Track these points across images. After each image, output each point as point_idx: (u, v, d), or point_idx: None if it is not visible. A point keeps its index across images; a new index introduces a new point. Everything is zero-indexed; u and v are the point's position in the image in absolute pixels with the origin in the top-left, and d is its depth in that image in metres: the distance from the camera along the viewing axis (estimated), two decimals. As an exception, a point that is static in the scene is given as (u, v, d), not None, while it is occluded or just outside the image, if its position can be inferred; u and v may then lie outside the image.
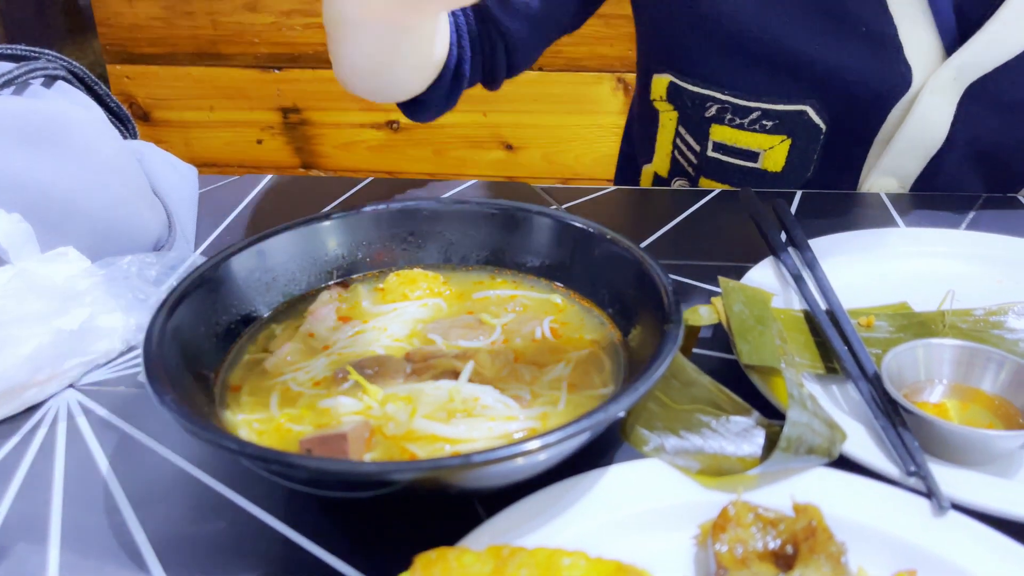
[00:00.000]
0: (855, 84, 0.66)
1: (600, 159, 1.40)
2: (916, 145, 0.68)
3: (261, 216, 0.69)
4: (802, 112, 0.70)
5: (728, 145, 0.74)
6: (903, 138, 0.68)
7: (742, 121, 0.71)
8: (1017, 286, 0.53)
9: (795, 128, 0.71)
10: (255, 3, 1.33)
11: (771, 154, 0.73)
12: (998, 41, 0.61)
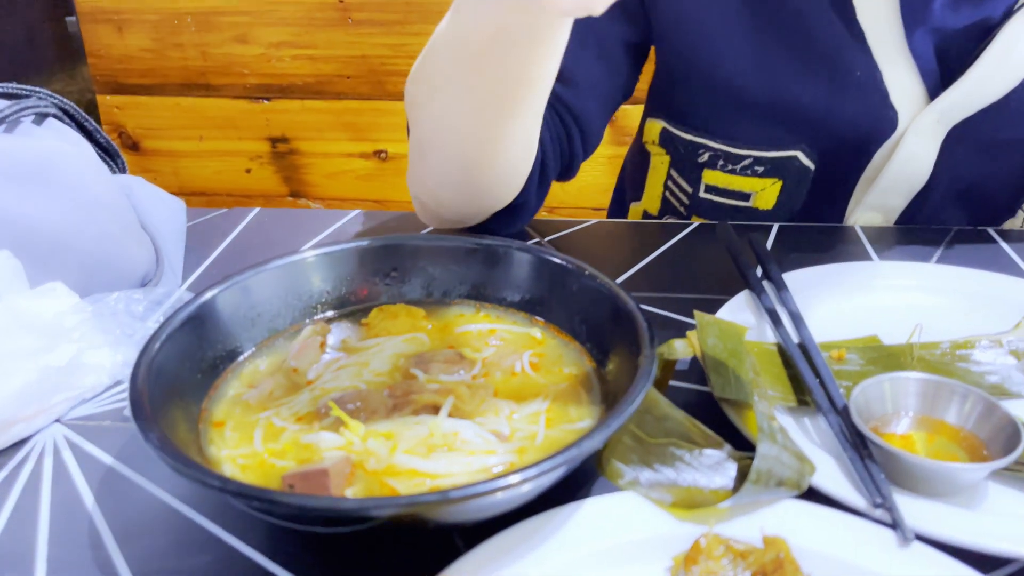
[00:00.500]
0: (844, 127, 0.68)
1: (587, 188, 1.42)
2: (900, 183, 0.70)
3: (248, 249, 0.70)
4: (793, 157, 0.71)
5: (720, 188, 0.75)
6: (888, 176, 0.70)
7: (734, 167, 0.73)
8: (985, 319, 0.54)
9: (785, 171, 0.72)
10: (245, 35, 1.35)
11: (762, 194, 0.74)
12: (979, 87, 0.64)
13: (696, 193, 0.76)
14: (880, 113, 0.66)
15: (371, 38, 1.33)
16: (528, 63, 0.51)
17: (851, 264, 0.61)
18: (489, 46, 0.50)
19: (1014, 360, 0.49)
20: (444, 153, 0.59)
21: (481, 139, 0.56)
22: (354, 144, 1.42)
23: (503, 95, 0.53)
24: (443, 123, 0.57)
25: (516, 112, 0.55)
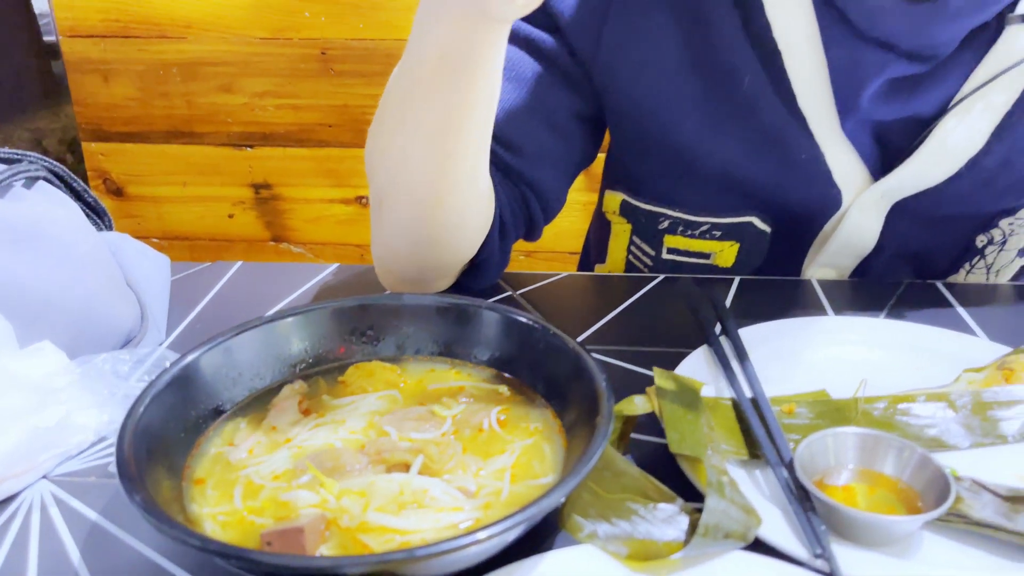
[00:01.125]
0: (793, 202, 0.73)
1: (563, 233, 1.45)
2: (848, 248, 0.74)
3: (230, 304, 0.72)
4: (748, 223, 0.75)
5: (681, 250, 0.79)
6: (836, 243, 0.74)
7: (693, 232, 0.77)
8: (928, 373, 0.58)
9: (742, 234, 0.76)
10: (229, 85, 1.38)
11: (721, 254, 0.78)
12: (918, 175, 0.68)
13: (659, 255, 0.80)
14: (825, 191, 0.70)
15: (352, 88, 1.37)
16: (470, 86, 0.55)
17: (805, 319, 0.64)
18: (435, 73, 0.54)
19: (952, 413, 0.53)
20: (400, 201, 0.63)
21: (431, 177, 0.60)
22: (335, 190, 1.45)
23: (449, 123, 0.57)
24: (397, 166, 0.61)
25: (461, 143, 0.59)
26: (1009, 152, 0.66)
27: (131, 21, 1.35)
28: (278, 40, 1.35)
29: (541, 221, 0.75)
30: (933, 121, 0.65)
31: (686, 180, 0.74)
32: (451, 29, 0.51)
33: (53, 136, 2.09)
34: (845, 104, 0.65)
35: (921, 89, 0.63)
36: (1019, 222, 0.72)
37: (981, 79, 0.62)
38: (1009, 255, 0.75)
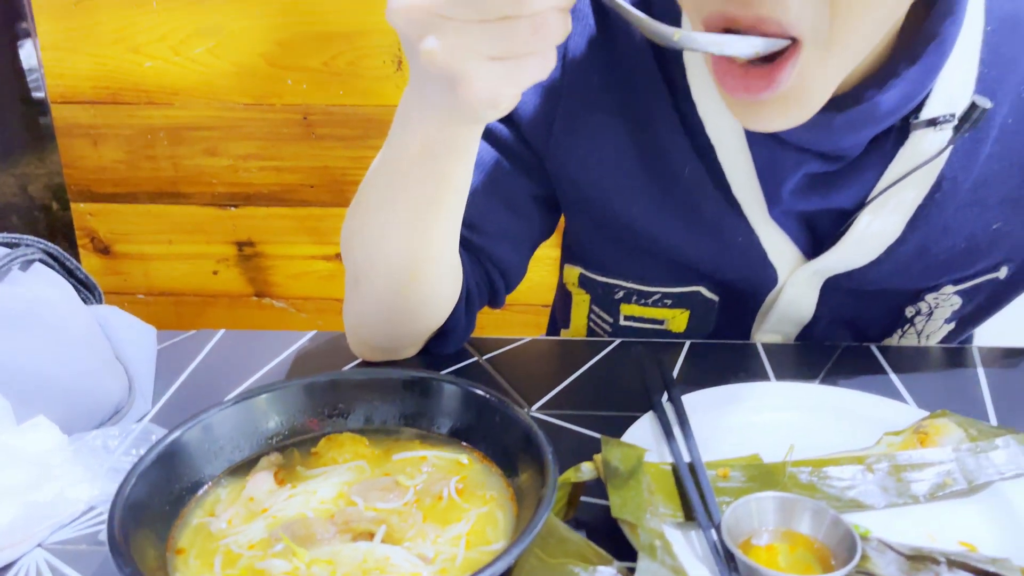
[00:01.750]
0: (733, 279, 0.79)
1: (536, 286, 1.51)
2: (788, 319, 0.81)
3: (213, 372, 0.77)
4: (696, 292, 0.81)
5: (637, 317, 0.85)
6: (777, 313, 0.80)
7: (646, 301, 0.83)
8: (852, 437, 0.63)
9: (692, 303, 0.82)
10: (214, 148, 1.44)
11: (674, 321, 0.84)
12: (843, 260, 0.74)
13: (617, 322, 0.85)
14: (761, 270, 0.76)
15: (332, 151, 1.43)
16: (447, 174, 0.60)
17: (746, 385, 0.70)
18: (413, 165, 0.60)
19: (870, 475, 0.58)
20: (376, 275, 0.68)
21: (407, 257, 0.66)
22: (316, 247, 1.50)
23: (425, 212, 0.63)
24: (375, 247, 0.67)
25: (437, 227, 0.64)
26: (923, 240, 0.72)
27: (120, 88, 1.41)
28: (262, 106, 1.41)
29: (503, 291, 0.81)
30: (853, 213, 0.71)
31: (636, 257, 0.80)
32: (432, 126, 0.56)
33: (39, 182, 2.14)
34: (770, 196, 0.71)
35: (838, 185, 0.69)
36: (943, 296, 0.78)
37: (892, 178, 0.68)
38: (936, 323, 0.81)
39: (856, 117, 0.63)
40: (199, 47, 1.38)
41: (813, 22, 0.52)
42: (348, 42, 1.37)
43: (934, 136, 0.66)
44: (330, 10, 1.35)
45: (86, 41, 1.39)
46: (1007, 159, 0.69)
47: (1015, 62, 0.67)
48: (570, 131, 0.74)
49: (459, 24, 0.44)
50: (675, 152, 0.72)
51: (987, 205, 0.71)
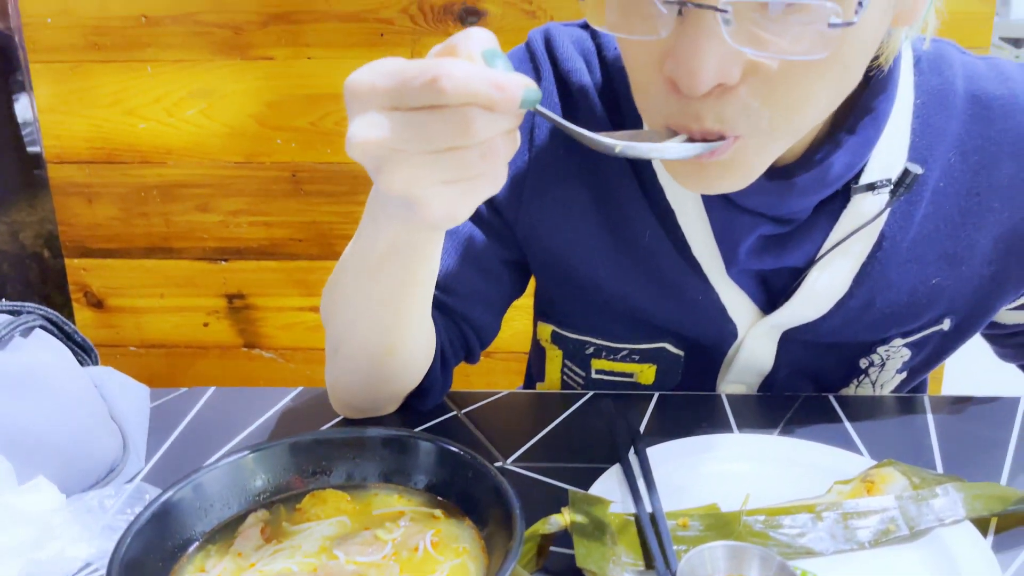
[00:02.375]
0: (696, 335, 0.83)
1: (518, 334, 1.56)
2: (749, 370, 0.85)
3: (204, 428, 0.81)
4: (661, 348, 0.86)
5: (607, 371, 0.89)
6: (739, 365, 0.84)
7: (615, 356, 0.87)
8: (805, 486, 0.67)
9: (658, 358, 0.87)
10: (206, 205, 1.49)
11: (642, 374, 0.88)
12: (796, 314, 0.79)
13: (588, 376, 0.90)
14: (722, 325, 0.81)
15: (320, 206, 1.48)
16: (414, 270, 0.65)
17: (709, 436, 0.74)
18: (383, 260, 0.64)
19: (819, 523, 0.62)
20: (354, 348, 0.73)
21: (382, 335, 0.70)
22: (304, 299, 1.55)
23: (396, 297, 0.67)
24: (351, 324, 0.72)
25: (408, 310, 0.69)
26: (869, 295, 0.77)
27: (115, 148, 1.47)
28: (252, 164, 1.47)
29: (478, 348, 0.86)
30: (804, 271, 0.76)
31: (604, 315, 0.85)
32: (396, 231, 0.60)
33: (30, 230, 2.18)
34: (728, 256, 0.76)
35: (789, 245, 0.75)
36: (893, 348, 0.83)
37: (837, 238, 0.74)
38: (889, 373, 0.85)
39: (805, 184, 0.69)
40: (192, 109, 1.44)
41: (753, 124, 0.57)
42: (335, 103, 1.43)
43: (873, 199, 0.72)
44: (317, 73, 1.42)
45: (82, 103, 1.45)
46: (940, 219, 0.75)
47: (943, 131, 0.73)
48: (538, 201, 0.80)
49: (413, 156, 0.47)
50: (636, 218, 0.77)
51: (925, 261, 0.76)
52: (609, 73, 0.77)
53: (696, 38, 0.52)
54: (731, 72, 0.54)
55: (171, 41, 1.41)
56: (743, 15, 0.52)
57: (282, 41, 1.40)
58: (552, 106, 0.78)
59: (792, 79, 0.55)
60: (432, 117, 0.45)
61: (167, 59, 1.42)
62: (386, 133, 0.46)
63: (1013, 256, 0.77)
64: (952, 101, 0.73)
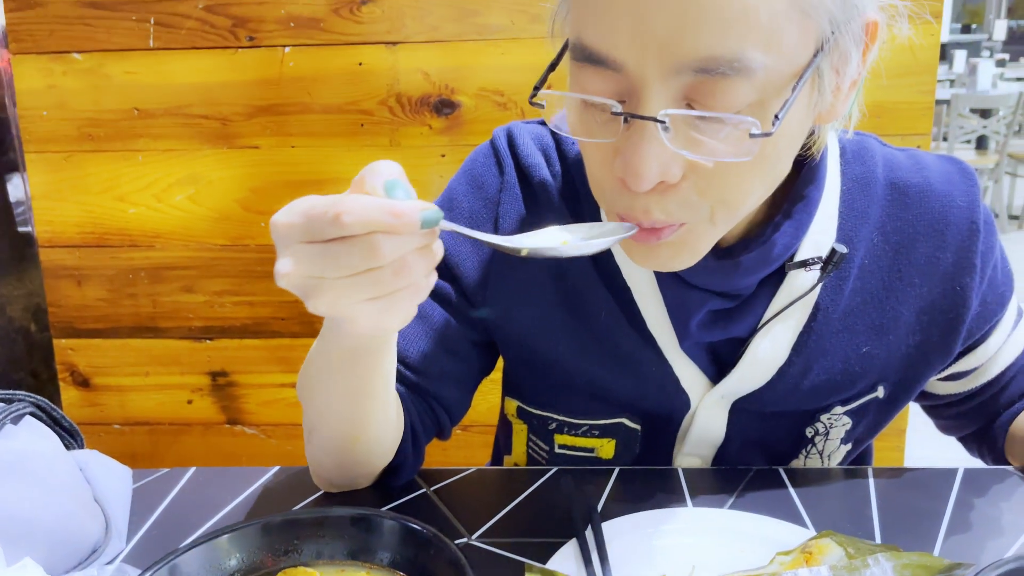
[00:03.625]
0: (651, 407, 0.89)
1: (492, 407, 1.60)
2: (703, 442, 0.90)
3: (184, 509, 0.84)
4: (620, 423, 0.91)
5: (569, 445, 0.94)
6: (693, 437, 0.90)
7: (576, 432, 0.93)
8: (749, 557, 0.71)
9: (616, 433, 0.92)
10: (191, 286, 1.54)
11: (602, 449, 0.93)
12: (742, 381, 0.85)
13: (552, 450, 0.95)
14: (675, 396, 0.86)
15: (303, 286, 1.54)
16: (369, 370, 0.71)
17: (663, 510, 0.79)
18: (340, 362, 0.70)
19: (760, 593, 0.66)
20: (324, 435, 0.79)
21: (348, 425, 0.76)
22: (286, 376, 1.59)
23: (356, 393, 0.73)
24: (319, 414, 0.78)
25: (369, 404, 0.75)
26: (806, 362, 0.84)
27: (106, 233, 1.53)
28: (236, 246, 1.53)
29: (449, 426, 0.91)
30: (747, 340, 0.83)
31: (565, 392, 0.90)
32: (349, 336, 0.66)
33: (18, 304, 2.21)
34: (680, 330, 0.83)
35: (736, 318, 0.82)
36: (835, 417, 0.88)
37: (776, 309, 0.81)
38: (834, 443, 0.91)
39: (749, 264, 0.77)
40: (180, 195, 1.50)
41: (696, 214, 0.65)
42: (316, 188, 1.50)
43: (806, 275, 0.80)
44: (301, 160, 1.49)
45: (75, 191, 1.51)
46: (867, 293, 0.83)
47: (866, 215, 0.81)
48: (502, 286, 0.86)
49: (332, 281, 0.51)
50: (593, 298, 0.84)
51: (855, 331, 0.83)
52: (568, 166, 0.85)
53: (639, 143, 0.59)
54: (672, 171, 0.60)
55: (162, 132, 1.48)
56: (680, 122, 0.59)
57: (267, 131, 1.47)
58: (514, 198, 0.86)
59: (726, 176, 0.62)
60: (343, 247, 0.51)
61: (158, 148, 1.49)
62: (305, 264, 0.52)
63: (935, 328, 0.84)
64: (873, 188, 0.82)
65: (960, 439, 1.00)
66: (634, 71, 0.57)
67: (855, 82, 0.66)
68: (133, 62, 1.45)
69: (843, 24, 0.60)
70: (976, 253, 0.82)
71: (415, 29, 1.42)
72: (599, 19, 0.57)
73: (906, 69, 1.35)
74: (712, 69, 0.56)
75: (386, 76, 1.44)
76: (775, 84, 0.58)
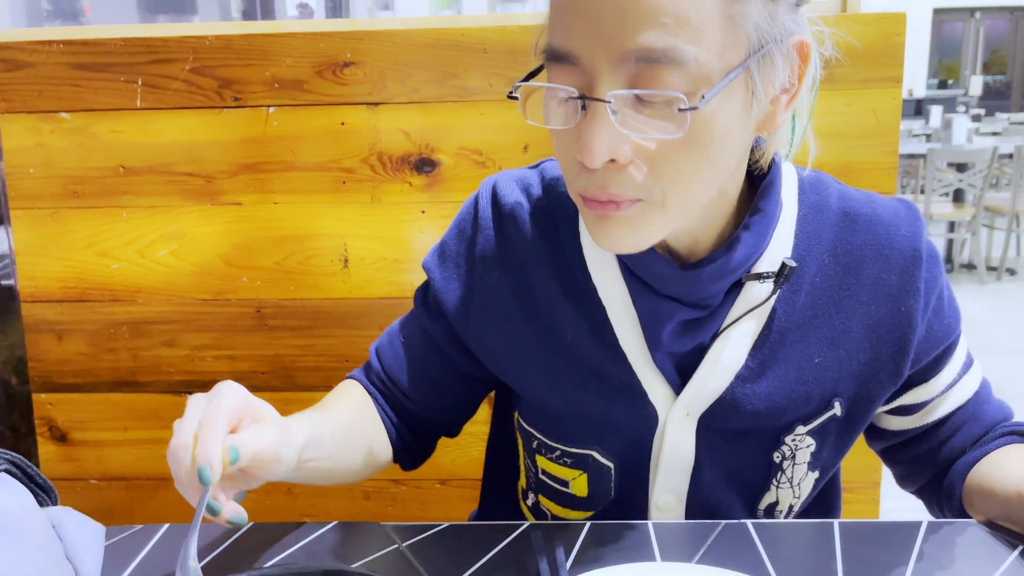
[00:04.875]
0: (620, 424, 0.92)
1: (471, 461, 1.61)
2: (676, 466, 0.93)
3: (156, 567, 0.85)
4: (590, 455, 0.93)
5: (547, 472, 0.98)
6: (664, 460, 0.93)
7: (551, 456, 0.96)
8: (715, 610, 0.73)
9: (587, 466, 0.94)
10: (172, 340, 1.56)
11: (575, 483, 0.96)
12: (703, 387, 0.89)
13: (536, 475, 0.98)
14: (643, 410, 0.91)
15: (283, 340, 1.56)
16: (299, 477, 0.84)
17: (631, 565, 0.80)
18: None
19: (723, 648, 0.67)
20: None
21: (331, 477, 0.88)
22: (266, 430, 1.59)
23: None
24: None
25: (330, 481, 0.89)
26: (762, 368, 0.89)
27: (88, 288, 1.54)
28: (218, 301, 1.54)
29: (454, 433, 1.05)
30: (708, 347, 0.89)
31: (541, 410, 0.96)
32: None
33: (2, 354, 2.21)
34: (651, 341, 0.88)
35: (704, 327, 0.88)
36: (799, 438, 0.92)
37: (734, 316, 0.88)
38: (802, 468, 0.94)
39: (712, 273, 0.83)
40: (163, 250, 1.53)
41: (648, 192, 0.73)
42: (299, 244, 1.53)
43: (761, 287, 0.87)
44: (283, 216, 1.52)
45: (59, 246, 1.53)
46: (818, 308, 0.89)
47: (819, 237, 0.89)
48: (482, 318, 0.95)
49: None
50: (563, 319, 0.91)
51: (808, 343, 0.89)
52: (549, 198, 0.93)
53: (592, 124, 0.69)
54: (621, 150, 0.70)
55: (146, 189, 1.51)
56: (625, 106, 0.69)
57: (250, 188, 1.51)
58: (486, 230, 0.94)
59: (667, 157, 0.71)
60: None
61: (142, 205, 1.52)
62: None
63: (884, 346, 0.90)
64: (826, 214, 0.89)
65: (918, 494, 1.02)
66: (588, 62, 0.69)
67: (793, 96, 0.76)
68: (120, 121, 1.49)
69: (772, 39, 0.70)
70: (919, 278, 0.88)
71: (396, 91, 1.46)
72: (562, 23, 0.70)
73: (870, 131, 1.41)
74: (650, 59, 0.67)
75: (368, 135, 1.48)
76: (706, 76, 0.68)
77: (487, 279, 0.94)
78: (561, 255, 0.91)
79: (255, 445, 0.71)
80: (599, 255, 0.89)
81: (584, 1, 0.68)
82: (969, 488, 0.93)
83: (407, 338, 1.01)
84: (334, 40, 1.45)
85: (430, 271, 0.98)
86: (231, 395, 0.71)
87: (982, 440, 0.96)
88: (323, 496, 1.63)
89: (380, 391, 1.02)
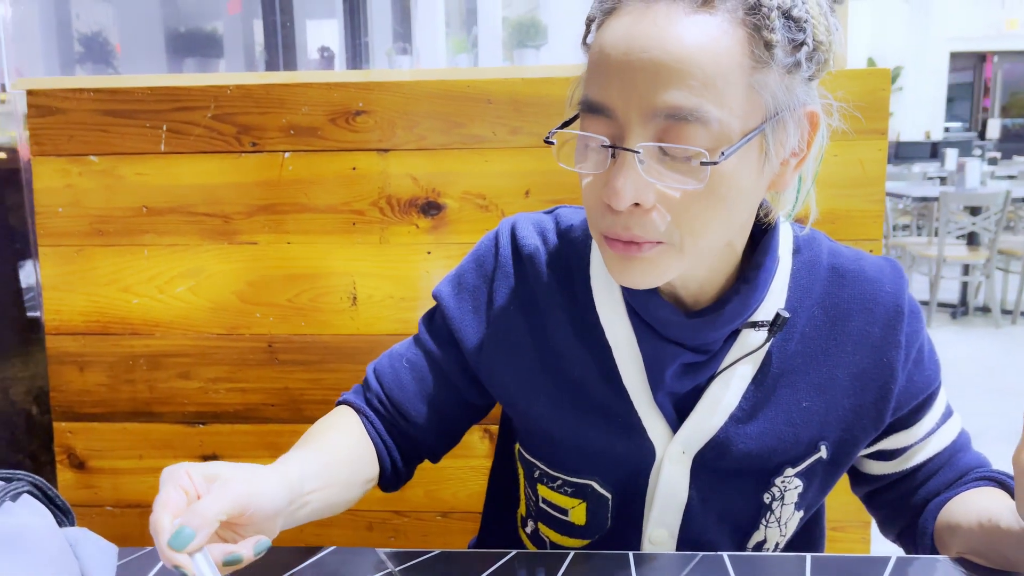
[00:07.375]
0: (619, 457, 0.97)
1: (472, 495, 1.65)
2: (670, 502, 0.97)
3: (163, 585, 0.90)
4: (589, 485, 0.99)
5: (547, 500, 1.03)
6: (659, 496, 0.97)
7: (552, 485, 1.01)
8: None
9: (586, 495, 0.99)
10: (187, 373, 1.62)
11: (574, 512, 1.01)
12: (700, 426, 0.94)
13: (537, 503, 1.03)
14: (641, 446, 0.96)
15: (293, 374, 1.62)
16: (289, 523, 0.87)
17: (607, 591, 0.84)
18: None
19: (688, 670, 0.72)
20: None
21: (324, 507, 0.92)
22: (274, 459, 1.65)
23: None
24: None
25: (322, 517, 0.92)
26: (754, 409, 0.94)
27: (109, 322, 1.62)
28: (232, 335, 1.61)
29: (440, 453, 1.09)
30: (706, 387, 0.94)
31: (545, 441, 1.01)
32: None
33: (21, 386, 2.28)
34: (654, 382, 0.94)
35: (703, 370, 0.93)
36: (788, 480, 0.97)
37: (730, 360, 0.93)
38: (789, 508, 0.98)
39: (716, 320, 0.89)
40: (181, 286, 1.60)
41: (668, 236, 0.79)
42: (310, 282, 1.60)
43: (756, 335, 0.92)
44: (296, 256, 1.59)
45: (83, 282, 1.61)
46: (808, 356, 0.95)
47: (810, 291, 0.95)
48: (493, 350, 1.00)
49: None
50: (571, 357, 0.96)
51: (797, 388, 0.94)
52: (563, 244, 0.99)
53: (620, 170, 0.76)
54: (645, 196, 0.76)
55: (167, 228, 1.59)
56: (652, 158, 0.75)
57: (265, 228, 1.58)
58: (506, 275, 1.00)
59: (687, 206, 0.77)
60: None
61: (163, 243, 1.60)
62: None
63: (868, 393, 0.95)
64: (817, 270, 0.96)
65: (898, 540, 1.06)
66: (622, 116, 0.76)
67: (801, 160, 0.83)
68: (144, 164, 1.57)
69: (787, 107, 0.77)
70: (901, 332, 0.94)
71: (405, 138, 1.54)
72: (599, 80, 0.77)
73: (857, 180, 1.46)
74: (677, 116, 0.73)
75: (377, 180, 1.55)
76: (727, 135, 0.74)
77: (503, 314, 0.99)
78: (573, 298, 0.97)
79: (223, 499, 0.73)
80: (608, 300, 0.95)
81: (622, 61, 0.74)
82: (939, 526, 0.97)
83: (411, 362, 1.05)
84: (347, 90, 1.53)
85: (443, 299, 1.03)
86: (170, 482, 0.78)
87: (956, 483, 1.00)
88: (327, 526, 1.68)
89: (377, 413, 1.05)
